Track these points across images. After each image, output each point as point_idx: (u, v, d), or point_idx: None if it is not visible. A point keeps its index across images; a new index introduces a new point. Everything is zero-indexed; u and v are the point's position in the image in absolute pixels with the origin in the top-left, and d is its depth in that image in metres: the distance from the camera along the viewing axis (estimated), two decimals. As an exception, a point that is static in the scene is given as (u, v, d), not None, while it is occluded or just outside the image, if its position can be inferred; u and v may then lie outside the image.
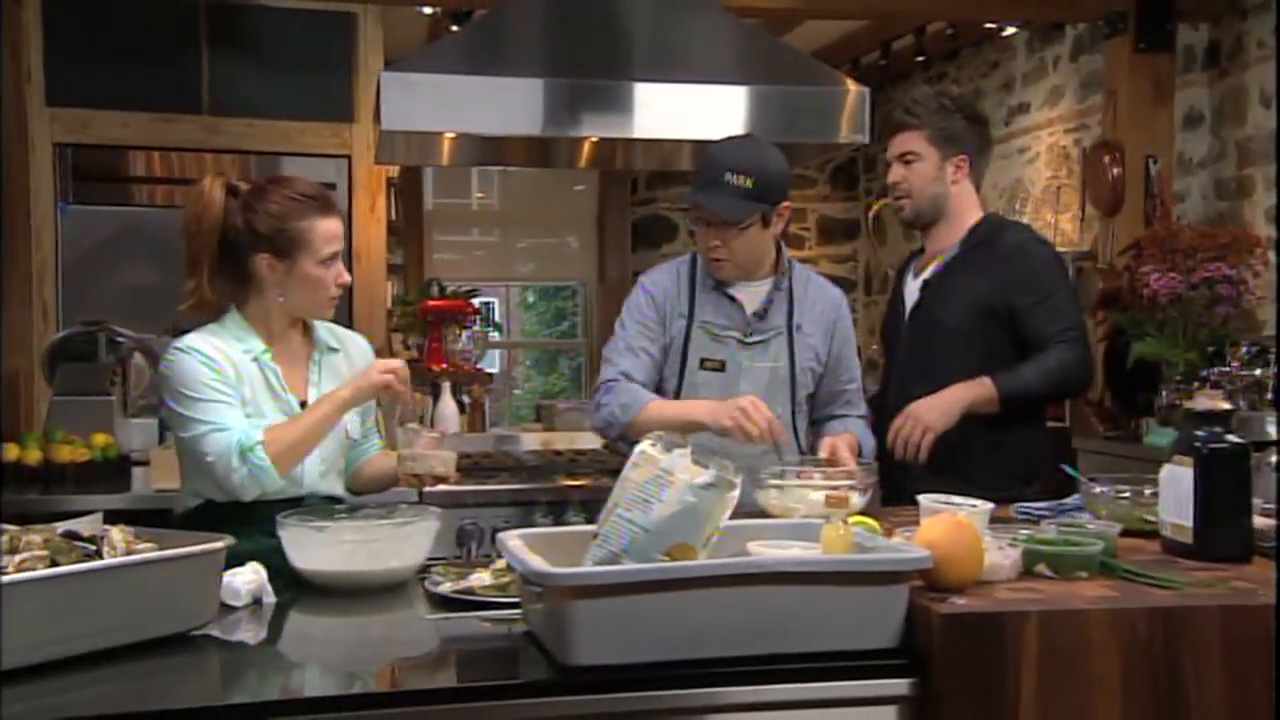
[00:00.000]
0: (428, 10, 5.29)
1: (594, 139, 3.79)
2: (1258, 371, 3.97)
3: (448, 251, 7.45)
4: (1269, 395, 3.90)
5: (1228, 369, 4.03)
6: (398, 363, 2.23)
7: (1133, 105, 4.65)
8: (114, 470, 3.39)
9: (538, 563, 1.58)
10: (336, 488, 2.34)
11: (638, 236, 7.53)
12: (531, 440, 4.02)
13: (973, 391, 2.56)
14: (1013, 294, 2.65)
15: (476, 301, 5.59)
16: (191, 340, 2.22)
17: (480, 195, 7.72)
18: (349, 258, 4.91)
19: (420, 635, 1.88)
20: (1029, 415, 2.72)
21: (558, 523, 3.39)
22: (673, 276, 2.66)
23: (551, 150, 4.07)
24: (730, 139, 2.62)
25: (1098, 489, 2.10)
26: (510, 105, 3.41)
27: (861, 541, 1.73)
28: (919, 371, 2.73)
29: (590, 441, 4.01)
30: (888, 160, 2.88)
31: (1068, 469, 2.20)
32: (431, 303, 5.14)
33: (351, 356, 2.39)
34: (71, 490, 3.24)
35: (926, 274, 2.83)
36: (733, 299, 2.61)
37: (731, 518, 1.69)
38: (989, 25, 5.68)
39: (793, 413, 2.61)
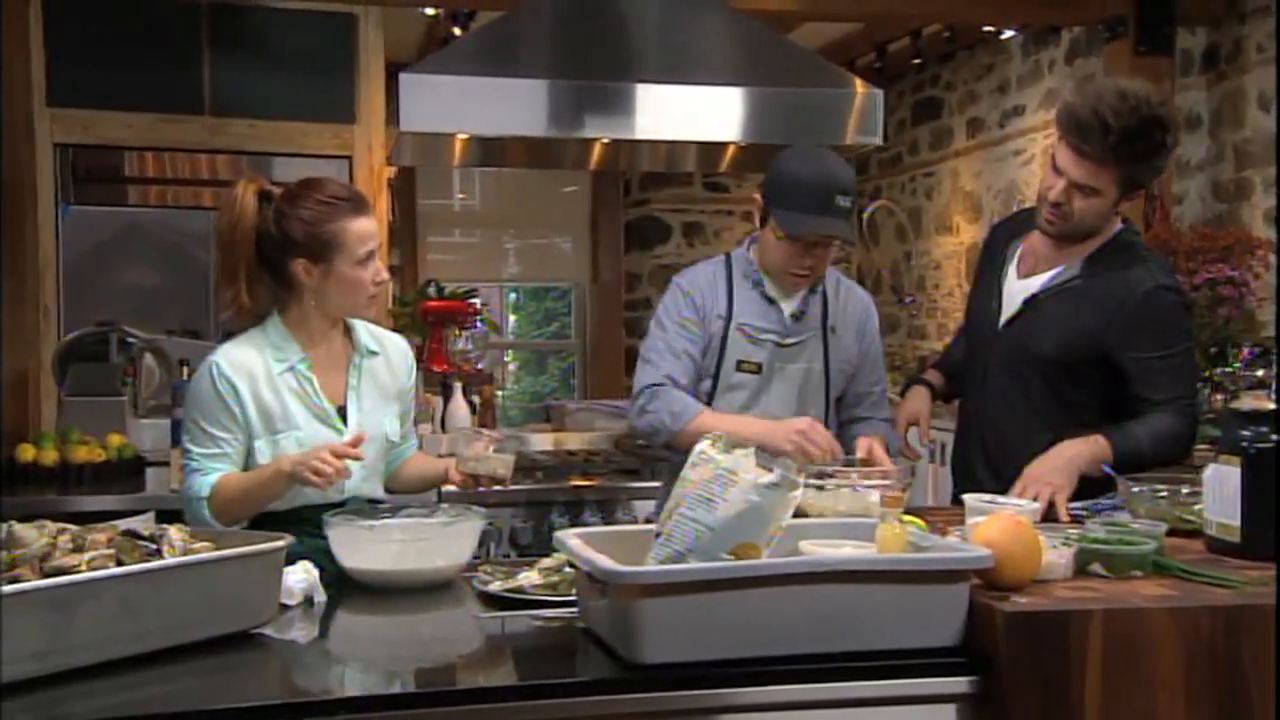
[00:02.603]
0: (430, 11, 5.29)
1: (605, 140, 3.80)
2: (1260, 372, 4.02)
3: (440, 253, 7.45)
4: (1271, 395, 3.96)
5: (1230, 370, 4.08)
6: (355, 452, 2.10)
7: (1133, 109, 4.70)
8: (129, 471, 3.38)
9: (607, 561, 1.58)
10: (378, 491, 2.34)
11: (631, 237, 7.55)
12: (542, 441, 4.02)
13: (1090, 450, 2.30)
14: (1130, 345, 2.37)
15: (476, 302, 5.60)
16: (222, 353, 2.22)
17: (462, 196, 7.71)
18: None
19: (472, 633, 1.89)
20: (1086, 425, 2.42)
21: (574, 523, 3.40)
22: (709, 277, 2.66)
23: (561, 151, 4.08)
24: (817, 156, 2.56)
25: (1137, 488, 2.12)
26: (527, 107, 3.42)
27: (916, 541, 1.74)
28: (1001, 392, 2.52)
29: (603, 442, 4.02)
30: (1058, 166, 2.40)
31: (1106, 468, 2.22)
32: (431, 304, 5.13)
33: (390, 358, 2.38)
34: (87, 490, 3.22)
35: (1035, 286, 2.49)
36: (771, 301, 2.61)
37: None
38: (986, 29, 5.73)
39: (826, 415, 2.61)
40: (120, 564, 1.56)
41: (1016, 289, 2.54)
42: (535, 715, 1.55)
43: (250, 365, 2.21)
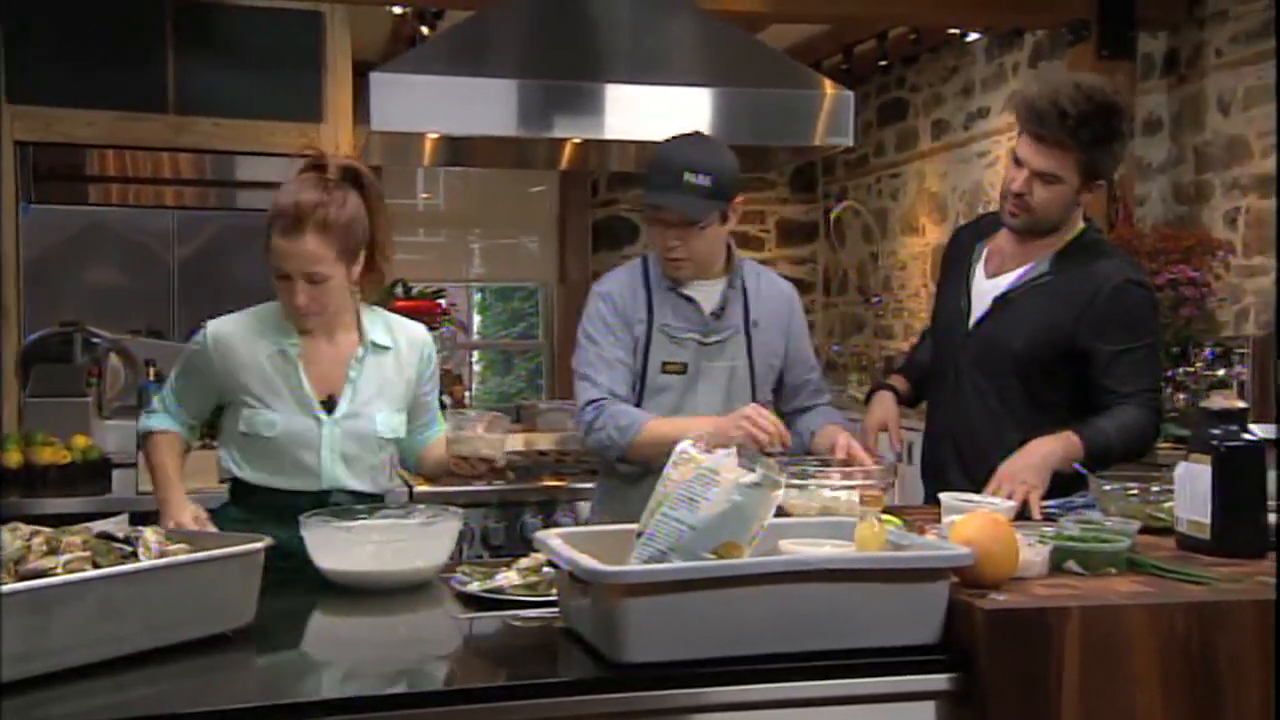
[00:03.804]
0: (397, 10, 5.27)
1: (576, 140, 3.80)
2: (1220, 372, 4.09)
3: (405, 253, 7.41)
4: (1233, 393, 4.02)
5: (1192, 369, 4.15)
6: (192, 522, 2.14)
7: (1096, 111, 4.76)
8: (95, 473, 3.33)
9: (590, 561, 1.58)
10: (363, 484, 2.30)
11: (599, 237, 7.55)
12: (513, 441, 4.01)
13: (1063, 447, 2.31)
14: (1100, 337, 2.39)
15: (443, 302, 5.58)
16: (214, 327, 2.29)
17: (426, 196, 7.69)
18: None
19: (452, 634, 1.88)
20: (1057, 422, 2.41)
21: (547, 523, 3.40)
22: (627, 280, 2.62)
23: (532, 151, 4.08)
24: (682, 138, 2.56)
25: (1108, 486, 2.15)
26: (498, 107, 3.41)
27: (894, 539, 1.76)
28: (974, 392, 2.52)
29: (574, 442, 4.02)
30: (1017, 157, 2.44)
31: (1078, 466, 2.25)
32: (400, 303, 5.11)
33: (401, 353, 2.34)
34: (52, 493, 3.18)
35: (1005, 284, 2.51)
36: (690, 300, 2.57)
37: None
38: (951, 31, 5.78)
39: None
40: (97, 566, 1.55)
41: (986, 288, 2.55)
42: (519, 715, 1.54)
43: (238, 338, 2.26)
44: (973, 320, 2.55)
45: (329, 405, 2.26)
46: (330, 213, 2.15)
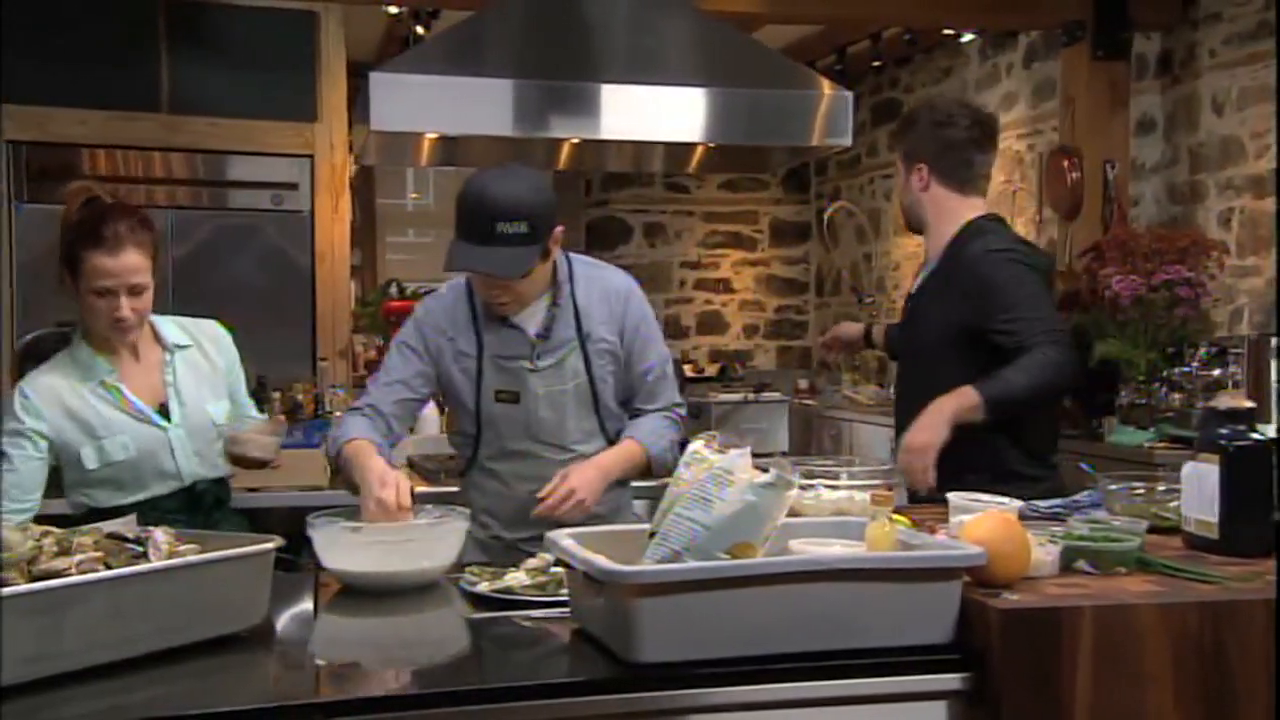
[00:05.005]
0: (392, 9, 5.25)
1: (574, 140, 3.80)
2: (1216, 372, 4.10)
3: (396, 253, 7.39)
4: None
5: (1188, 369, 4.16)
6: None
7: (1090, 111, 4.78)
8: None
9: (604, 561, 1.58)
10: (217, 470, 2.49)
11: (592, 238, 7.54)
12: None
13: (955, 401, 2.48)
14: (982, 315, 2.58)
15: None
16: (30, 383, 2.38)
17: (415, 196, 7.67)
18: (311, 257, 4.89)
19: (463, 635, 1.88)
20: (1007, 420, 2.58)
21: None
22: (448, 307, 2.48)
23: (529, 151, 4.07)
24: (489, 179, 2.31)
25: (1113, 486, 2.16)
26: (495, 107, 3.40)
27: (905, 539, 1.76)
28: (912, 384, 2.75)
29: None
30: None
31: (1084, 466, 2.25)
32: (394, 304, 5.10)
33: (204, 346, 2.53)
34: (51, 493, 3.15)
35: (914, 286, 2.85)
36: (513, 325, 2.43)
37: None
38: (946, 32, 5.79)
39: (600, 424, 2.49)
40: (109, 567, 1.54)
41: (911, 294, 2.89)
42: (534, 715, 1.54)
43: (56, 388, 2.36)
44: (900, 326, 2.94)
45: (163, 413, 2.42)
46: (139, 232, 2.33)
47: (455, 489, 2.65)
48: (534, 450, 2.45)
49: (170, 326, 2.51)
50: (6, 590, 1.38)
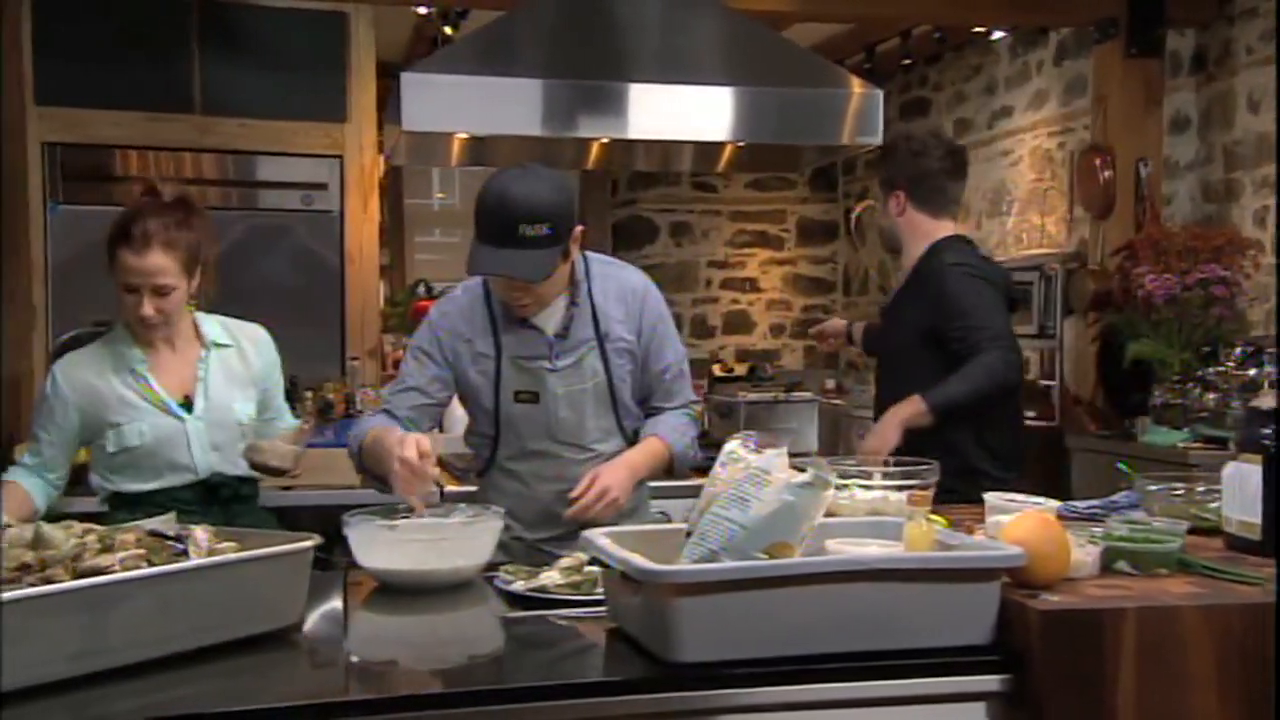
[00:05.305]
0: (421, 10, 5.27)
1: (604, 140, 3.80)
2: (1252, 371, 4.06)
3: (424, 252, 7.42)
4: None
5: (1222, 368, 4.12)
6: None
7: (1123, 109, 4.75)
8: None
9: (643, 561, 1.58)
10: (238, 467, 2.53)
11: (619, 237, 7.54)
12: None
13: (905, 410, 2.81)
14: (939, 320, 2.89)
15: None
16: (62, 365, 2.51)
17: (441, 195, 7.69)
18: (341, 257, 4.91)
19: (499, 633, 1.88)
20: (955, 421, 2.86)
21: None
22: (465, 308, 2.46)
23: (558, 151, 4.07)
24: (509, 181, 2.29)
25: (1152, 486, 2.14)
26: (526, 107, 3.41)
27: (943, 539, 1.75)
28: (887, 380, 3.16)
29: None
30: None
31: (1122, 466, 2.24)
32: (423, 303, 5.11)
33: (244, 349, 2.59)
34: (85, 490, 3.18)
35: (890, 296, 3.20)
36: (531, 326, 2.42)
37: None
38: (976, 30, 5.76)
39: (619, 423, 2.49)
40: (150, 564, 1.55)
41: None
42: (571, 714, 1.54)
43: (85, 372, 2.47)
44: (879, 329, 3.31)
45: (187, 406, 2.48)
46: (172, 232, 2.40)
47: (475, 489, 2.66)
48: (553, 450, 2.45)
49: (214, 325, 2.57)
50: (53, 586, 1.40)
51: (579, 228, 2.38)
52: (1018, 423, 3.11)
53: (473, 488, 2.70)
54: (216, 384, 2.52)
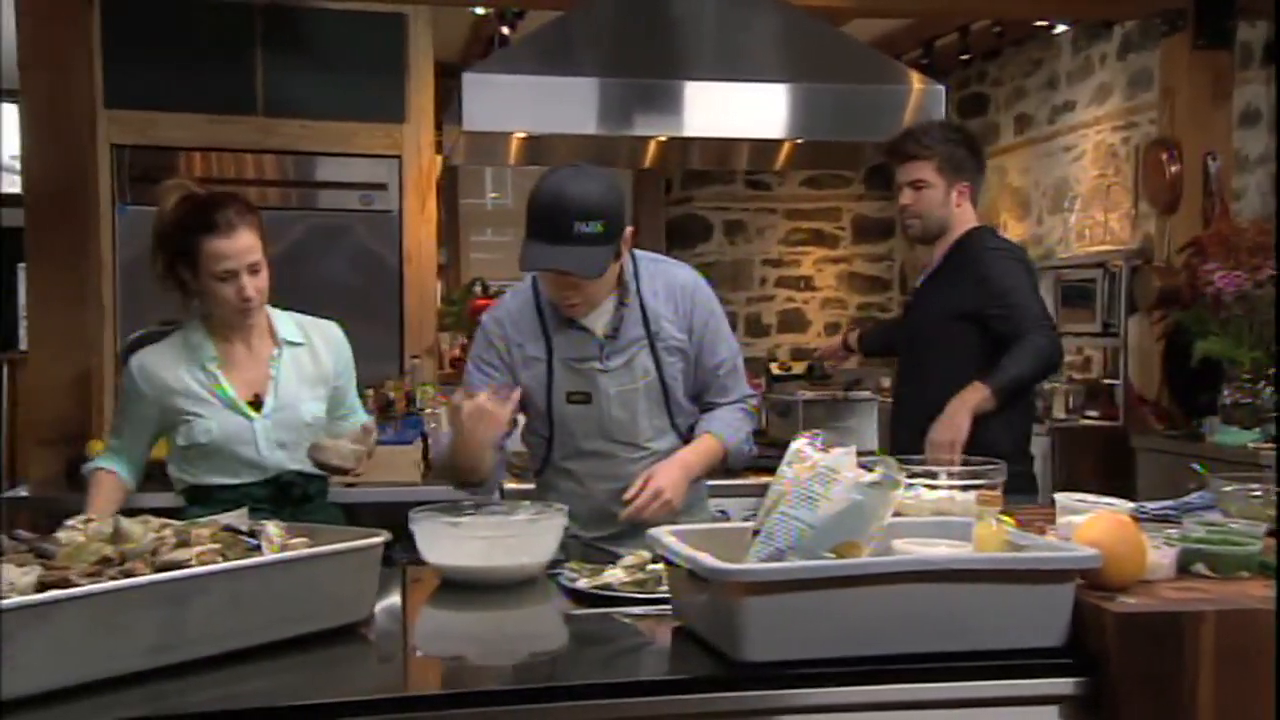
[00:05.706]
0: (479, 10, 5.30)
1: (660, 138, 3.80)
2: (1325, 369, 3.97)
3: (479, 251, 7.47)
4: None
5: (1295, 367, 4.03)
6: None
7: (1190, 102, 4.65)
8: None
9: (711, 559, 1.57)
10: (307, 466, 2.51)
11: (673, 236, 7.53)
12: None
13: (972, 396, 2.80)
14: (981, 301, 2.92)
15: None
16: (138, 357, 2.53)
17: (495, 195, 7.73)
18: (400, 256, 4.95)
19: (564, 631, 1.89)
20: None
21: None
22: (516, 311, 2.48)
23: (615, 150, 4.07)
24: (563, 179, 2.29)
25: (1228, 487, 2.09)
26: (584, 106, 3.42)
27: (1014, 539, 1.72)
28: (910, 371, 3.18)
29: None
30: (898, 184, 3.10)
31: (1196, 466, 2.19)
32: (480, 302, 5.14)
33: (316, 347, 2.58)
34: (156, 486, 3.23)
35: (918, 283, 3.20)
36: (582, 327, 2.42)
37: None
38: (1038, 23, 5.68)
39: (672, 421, 2.49)
40: (225, 559, 1.57)
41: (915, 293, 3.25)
42: (638, 712, 1.54)
43: (161, 365, 2.48)
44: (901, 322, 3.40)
45: (257, 404, 2.48)
46: (247, 215, 2.42)
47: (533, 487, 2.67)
48: (608, 449, 2.46)
49: (287, 323, 2.57)
50: (134, 580, 1.42)
51: (629, 229, 2.38)
52: (1031, 414, 3.18)
53: (531, 485, 2.72)
54: (287, 383, 2.52)
